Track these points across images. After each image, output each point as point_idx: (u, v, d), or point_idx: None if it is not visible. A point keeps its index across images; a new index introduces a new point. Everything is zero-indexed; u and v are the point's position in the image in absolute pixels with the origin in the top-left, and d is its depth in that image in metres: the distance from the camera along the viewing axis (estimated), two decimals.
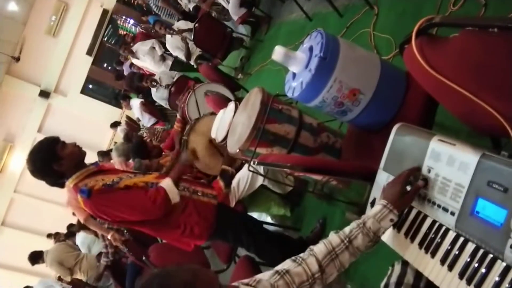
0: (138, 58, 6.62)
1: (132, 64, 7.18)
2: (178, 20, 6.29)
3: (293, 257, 1.10)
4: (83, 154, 1.98)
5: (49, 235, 9.00)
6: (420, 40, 0.99)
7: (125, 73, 7.72)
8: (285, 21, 4.79)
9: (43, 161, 1.88)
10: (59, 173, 1.90)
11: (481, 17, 1.81)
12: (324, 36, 1.59)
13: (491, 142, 1.17)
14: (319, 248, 1.12)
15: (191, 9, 6.51)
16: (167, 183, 1.96)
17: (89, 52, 10.24)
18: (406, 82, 1.64)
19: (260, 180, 2.36)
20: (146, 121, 7.01)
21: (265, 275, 1.06)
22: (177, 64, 6.21)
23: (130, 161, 4.06)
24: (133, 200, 1.90)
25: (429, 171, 1.07)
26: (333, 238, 1.13)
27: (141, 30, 7.44)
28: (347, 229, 1.13)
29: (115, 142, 6.79)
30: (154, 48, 6.46)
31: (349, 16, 3.22)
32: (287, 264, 1.08)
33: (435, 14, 2.22)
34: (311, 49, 1.65)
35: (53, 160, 1.87)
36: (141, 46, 6.47)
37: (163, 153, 3.58)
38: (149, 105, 6.74)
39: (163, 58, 6.41)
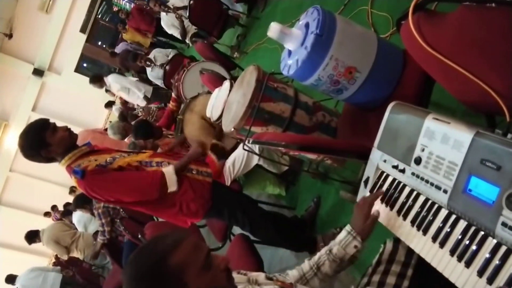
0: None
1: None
2: None
3: (269, 275, 1.14)
4: (73, 139, 1.96)
5: (46, 213, 9.07)
6: (418, 16, 0.97)
7: (118, 51, 7.62)
8: None
9: (31, 147, 1.87)
10: (48, 158, 1.90)
11: None
12: (321, 12, 1.57)
13: (486, 120, 1.16)
14: (293, 274, 1.20)
15: None
16: (168, 170, 1.95)
17: (82, 30, 10.05)
18: (403, 60, 1.63)
19: (255, 160, 2.36)
20: (141, 100, 6.94)
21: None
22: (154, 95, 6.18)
23: (126, 139, 4.05)
24: (127, 181, 1.90)
25: (422, 149, 1.07)
26: (305, 264, 1.21)
27: (136, 5, 7.31)
28: (316, 256, 1.20)
29: (110, 121, 6.73)
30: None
31: None
32: (262, 279, 1.10)
33: None
34: (307, 25, 1.62)
35: (41, 147, 1.86)
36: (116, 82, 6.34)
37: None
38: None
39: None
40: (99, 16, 10.55)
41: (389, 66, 1.61)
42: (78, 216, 5.76)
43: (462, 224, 0.96)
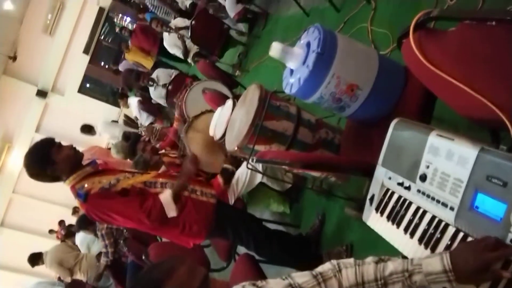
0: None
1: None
2: (174, 18, 6.27)
3: (313, 272, 0.95)
4: (79, 157, 1.97)
5: (51, 231, 9.03)
6: (418, 33, 0.98)
7: (121, 69, 7.71)
8: (282, 17, 4.77)
9: (36, 165, 1.89)
10: (54, 176, 1.91)
11: (479, 10, 1.80)
12: (322, 31, 1.58)
13: (490, 135, 1.16)
14: (347, 274, 0.93)
15: (187, 7, 6.49)
16: (165, 197, 1.92)
17: (86, 51, 10.18)
18: (405, 76, 1.63)
19: (259, 177, 2.35)
20: (144, 119, 6.99)
21: (275, 283, 0.94)
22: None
23: (128, 160, 4.06)
24: (128, 210, 1.89)
25: (427, 166, 1.06)
26: (368, 270, 0.92)
27: (139, 24, 7.38)
28: (388, 268, 0.90)
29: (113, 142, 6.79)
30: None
31: (346, 11, 3.20)
32: (303, 278, 0.93)
33: (433, 7, 2.22)
34: (308, 44, 1.64)
35: (47, 165, 1.87)
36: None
37: (162, 151, 3.56)
38: (147, 103, 6.72)
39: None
40: (102, 37, 10.69)
41: (390, 83, 1.62)
42: (81, 237, 5.73)
43: None
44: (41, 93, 9.83)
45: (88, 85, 10.95)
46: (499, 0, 1.86)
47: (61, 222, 8.69)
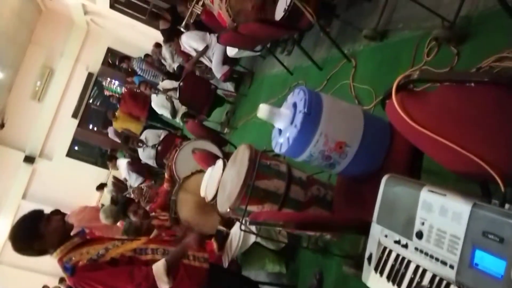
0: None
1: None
2: (162, 81, 6.43)
3: None
4: (68, 229, 1.93)
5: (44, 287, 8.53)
6: (401, 95, 1.02)
7: (110, 136, 7.74)
8: (267, 75, 4.94)
9: (23, 241, 1.83)
10: (41, 250, 1.85)
11: (457, 72, 1.89)
12: (307, 92, 1.63)
13: (479, 188, 1.17)
14: None
15: (175, 69, 6.69)
16: (158, 269, 1.82)
17: (74, 115, 10.27)
18: (390, 131, 1.67)
19: (252, 238, 2.31)
20: (133, 180, 6.93)
21: None
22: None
23: (119, 224, 3.97)
24: (117, 282, 1.80)
25: (422, 223, 1.06)
26: None
27: (128, 89, 7.52)
28: None
29: (102, 205, 6.65)
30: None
31: (328, 68, 3.34)
32: None
33: (410, 64, 2.33)
34: (295, 105, 1.69)
35: (34, 239, 1.82)
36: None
37: (152, 214, 3.50)
38: (136, 164, 6.70)
39: None
40: (91, 101, 10.85)
41: (377, 139, 1.65)
42: None
43: None
44: (29, 159, 9.75)
45: (76, 148, 10.93)
46: (473, 56, 1.96)
47: (62, 280, 8.23)
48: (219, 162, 2.49)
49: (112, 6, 8.29)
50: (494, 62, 1.81)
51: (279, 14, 3.39)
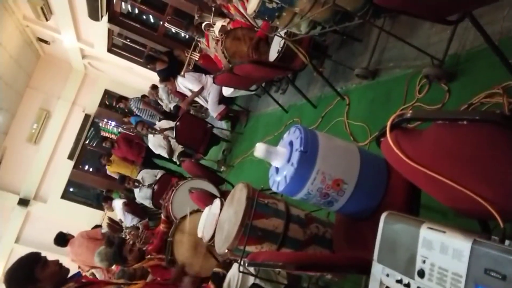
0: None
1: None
2: (159, 120, 6.50)
3: None
4: (64, 273, 1.89)
5: None
6: (395, 133, 1.03)
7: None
8: (262, 114, 5.01)
9: (18, 284, 1.78)
10: None
11: (449, 110, 1.93)
12: (303, 131, 1.66)
13: (479, 224, 1.17)
14: None
15: (172, 109, 6.78)
16: None
17: (70, 156, 10.25)
18: (387, 168, 1.69)
19: (251, 279, 2.25)
20: (129, 221, 6.83)
21: None
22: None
23: (113, 267, 3.87)
24: None
25: (423, 261, 1.05)
26: None
27: (123, 132, 7.54)
28: None
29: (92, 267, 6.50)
30: None
31: (322, 106, 3.40)
32: None
33: (402, 101, 2.38)
34: (291, 143, 1.70)
35: (29, 283, 1.77)
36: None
37: (148, 256, 3.43)
38: (132, 205, 6.63)
39: None
40: (87, 142, 10.87)
41: (374, 175, 1.66)
42: None
43: None
44: (23, 202, 9.63)
45: (71, 190, 10.84)
46: (464, 93, 2.01)
47: None
48: (216, 202, 2.47)
49: (109, 50, 8.50)
50: (484, 98, 1.86)
51: (273, 55, 3.49)
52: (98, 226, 8.08)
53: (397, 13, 2.45)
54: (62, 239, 5.86)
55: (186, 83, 5.33)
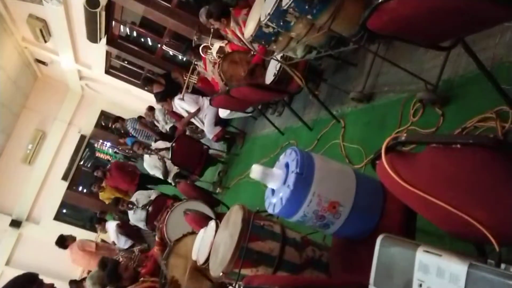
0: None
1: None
2: (155, 141, 6.50)
3: None
4: None
5: None
6: (390, 156, 1.05)
7: None
8: (259, 136, 5.03)
9: None
10: None
11: (443, 134, 1.96)
12: (299, 153, 1.67)
13: (475, 248, 1.17)
14: None
15: (168, 130, 6.79)
16: None
17: (64, 177, 10.17)
18: (383, 190, 1.69)
19: None
20: (122, 243, 6.73)
21: None
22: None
23: None
24: None
25: (420, 285, 1.04)
26: None
27: (115, 161, 7.48)
28: None
29: (89, 270, 6.38)
30: None
31: (318, 129, 3.42)
32: None
33: (397, 125, 2.41)
34: (287, 165, 1.71)
35: None
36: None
37: (141, 278, 3.37)
38: (126, 227, 6.55)
39: None
40: (82, 163, 10.82)
41: (370, 198, 1.66)
42: None
43: None
44: (15, 223, 9.49)
45: (64, 211, 10.71)
46: (457, 116, 2.04)
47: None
48: (212, 224, 2.45)
49: (107, 72, 8.57)
50: (478, 122, 1.89)
51: (269, 78, 3.53)
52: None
53: (391, 38, 2.51)
54: (61, 242, 6.10)
55: (183, 104, 5.37)
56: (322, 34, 2.41)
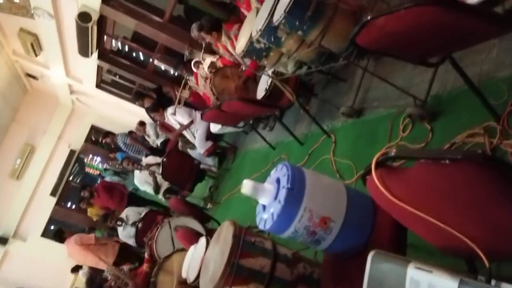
0: None
1: None
2: (146, 156, 6.45)
3: None
4: None
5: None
6: (380, 171, 1.05)
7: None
8: (250, 150, 5.03)
9: None
10: None
11: (432, 150, 1.97)
12: (290, 168, 1.66)
13: (466, 264, 1.17)
14: None
15: (158, 145, 6.75)
16: None
17: (53, 193, 10.00)
18: (374, 205, 1.69)
19: None
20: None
21: None
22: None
23: None
24: None
25: None
26: None
27: (102, 182, 7.37)
28: None
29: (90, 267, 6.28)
30: None
31: (309, 144, 3.43)
32: None
33: (387, 139, 2.42)
34: (278, 180, 1.70)
35: None
36: None
37: None
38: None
39: None
40: (71, 178, 10.67)
41: (361, 213, 1.66)
42: None
43: None
44: (1, 240, 9.27)
45: (52, 228, 10.50)
46: (446, 132, 2.06)
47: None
48: (202, 240, 2.42)
49: (98, 86, 8.54)
50: (466, 138, 1.90)
51: (260, 93, 3.55)
52: (78, 267, 7.80)
53: (380, 54, 2.54)
54: (58, 236, 6.03)
55: (176, 116, 5.37)
56: (312, 50, 2.44)
